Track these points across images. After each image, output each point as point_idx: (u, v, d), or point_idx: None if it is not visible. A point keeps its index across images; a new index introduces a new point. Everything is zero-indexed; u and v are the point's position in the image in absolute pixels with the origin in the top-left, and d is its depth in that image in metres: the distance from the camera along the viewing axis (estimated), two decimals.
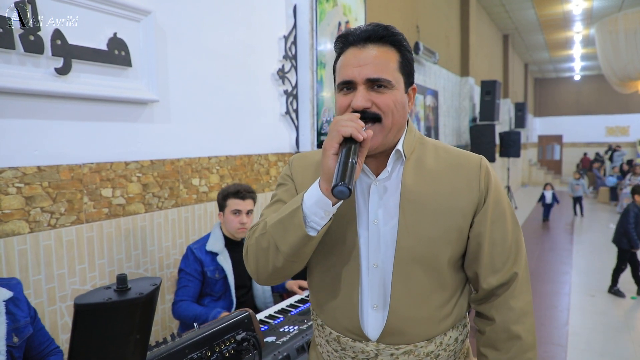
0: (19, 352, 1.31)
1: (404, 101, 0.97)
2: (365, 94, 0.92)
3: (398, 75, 0.94)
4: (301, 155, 1.13)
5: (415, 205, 0.95)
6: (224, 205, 2.10)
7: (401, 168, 0.99)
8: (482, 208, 0.97)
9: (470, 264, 1.01)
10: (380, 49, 0.93)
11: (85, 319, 0.56)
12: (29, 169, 1.78)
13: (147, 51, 2.16)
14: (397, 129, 0.97)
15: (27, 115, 1.77)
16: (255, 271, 0.98)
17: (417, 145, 1.01)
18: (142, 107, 2.21)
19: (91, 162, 2.00)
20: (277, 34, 3.17)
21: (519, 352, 0.97)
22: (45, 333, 1.43)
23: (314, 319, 1.11)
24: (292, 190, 1.06)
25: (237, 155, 2.83)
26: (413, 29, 5.77)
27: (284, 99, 3.22)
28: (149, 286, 0.58)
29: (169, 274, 2.42)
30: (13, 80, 1.67)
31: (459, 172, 0.98)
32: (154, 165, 2.29)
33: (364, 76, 0.91)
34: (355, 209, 0.99)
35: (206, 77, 2.58)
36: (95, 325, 0.56)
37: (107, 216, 2.08)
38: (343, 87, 0.95)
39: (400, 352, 0.96)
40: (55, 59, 1.81)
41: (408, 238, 0.94)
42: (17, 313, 1.32)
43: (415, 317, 0.96)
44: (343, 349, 1.01)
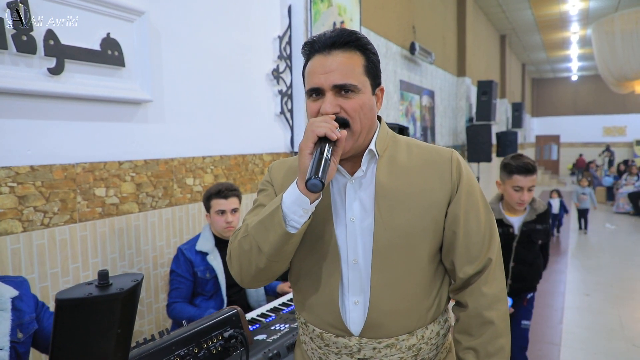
0: (24, 348, 1.32)
1: (372, 103, 0.99)
2: (333, 99, 0.94)
3: (364, 79, 0.97)
4: (280, 161, 1.16)
5: (390, 200, 0.98)
6: (208, 206, 2.11)
7: (375, 166, 1.01)
8: (455, 198, 1.00)
9: (446, 254, 1.03)
10: (345, 55, 0.96)
11: (66, 314, 0.57)
12: (22, 168, 1.79)
13: (141, 51, 2.17)
14: (367, 131, 0.99)
15: (20, 115, 1.78)
16: (239, 274, 1.01)
17: (390, 143, 1.04)
18: (136, 107, 2.22)
19: (84, 162, 2.01)
20: (271, 34, 3.18)
21: (492, 337, 0.99)
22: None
23: (298, 317, 1.13)
24: (272, 195, 1.09)
25: (231, 155, 2.84)
26: (409, 29, 5.78)
27: (278, 99, 3.23)
28: (130, 282, 0.60)
29: (163, 272, 2.43)
30: (5, 80, 1.68)
31: (431, 166, 1.01)
32: (147, 165, 2.30)
33: (331, 82, 0.94)
34: (332, 208, 1.02)
35: (200, 77, 2.59)
36: (76, 320, 0.58)
37: (101, 215, 2.09)
38: (312, 94, 0.98)
39: (382, 345, 0.98)
40: (48, 59, 1.81)
41: (385, 233, 0.96)
42: (23, 309, 1.33)
43: (396, 311, 0.98)
44: (327, 345, 1.03)
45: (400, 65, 5.49)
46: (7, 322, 1.29)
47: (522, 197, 2.15)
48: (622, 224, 8.78)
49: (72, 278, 1.99)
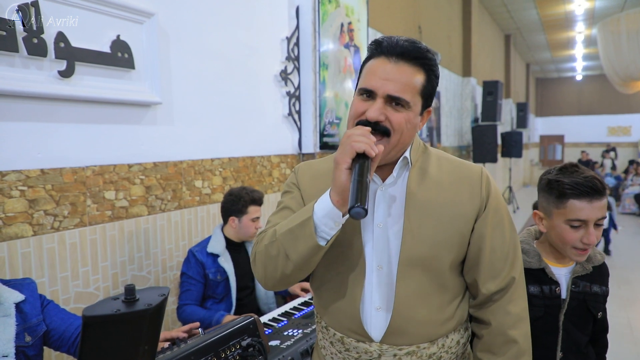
0: (33, 351, 1.31)
1: (416, 122, 0.99)
2: (381, 107, 0.94)
3: (417, 98, 0.96)
4: (306, 164, 1.16)
5: (419, 210, 0.98)
6: (243, 212, 2.08)
7: (406, 174, 1.02)
8: (482, 214, 1.01)
9: (469, 270, 1.03)
10: (409, 69, 0.94)
11: (93, 330, 0.56)
12: (32, 172, 1.78)
13: (150, 53, 2.15)
14: (401, 147, 0.99)
15: (30, 118, 1.77)
16: (263, 277, 1.01)
17: (421, 154, 1.05)
18: (145, 110, 2.21)
19: (94, 165, 2.00)
20: (279, 35, 3.17)
21: (515, 356, 0.99)
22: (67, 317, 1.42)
23: (318, 321, 1.12)
24: (297, 197, 1.09)
25: (240, 157, 2.83)
26: (415, 30, 5.76)
27: (286, 100, 3.21)
28: (157, 297, 0.58)
29: (172, 275, 2.41)
30: (16, 84, 1.67)
31: (461, 181, 1.02)
32: (157, 168, 2.28)
33: (385, 91, 0.93)
34: None
35: (209, 79, 2.57)
36: (104, 337, 0.56)
37: (110, 219, 2.08)
38: (363, 93, 0.97)
39: (403, 352, 0.98)
40: (58, 62, 1.80)
41: (412, 241, 0.96)
42: (29, 312, 1.32)
43: (418, 319, 0.97)
44: (347, 350, 1.02)
45: None
46: (12, 328, 1.28)
47: (587, 237, 1.22)
48: (628, 225, 8.73)
49: (82, 282, 1.98)
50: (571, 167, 1.29)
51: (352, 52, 3.82)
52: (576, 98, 19.41)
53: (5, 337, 1.25)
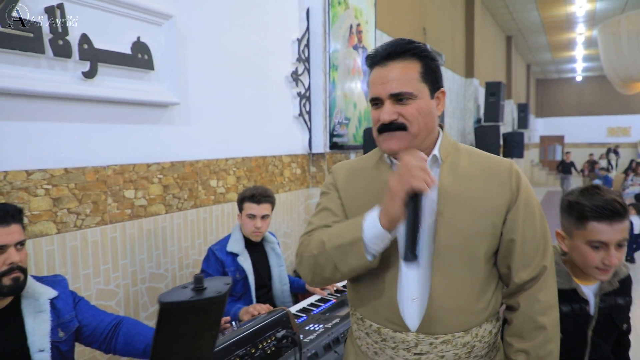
0: (66, 346, 1.34)
1: (430, 107, 1.04)
2: (390, 108, 1.01)
3: (420, 85, 1.02)
4: (342, 164, 1.22)
5: (452, 203, 1.03)
6: (241, 207, 2.12)
7: (437, 170, 1.07)
8: (514, 207, 1.04)
9: (502, 260, 1.07)
10: (401, 64, 1.02)
11: (170, 317, 0.59)
12: (56, 170, 1.81)
13: (169, 54, 2.19)
14: (427, 134, 1.05)
15: (54, 118, 1.80)
16: (310, 278, 1.09)
17: (451, 150, 1.10)
18: (163, 110, 2.24)
19: (115, 164, 2.03)
20: (290, 37, 3.20)
21: (543, 342, 1.03)
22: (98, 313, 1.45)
23: (353, 313, 1.16)
24: (335, 199, 1.15)
25: (252, 156, 2.86)
26: (420, 31, 5.80)
27: (297, 101, 3.25)
28: (223, 285, 0.62)
29: (188, 274, 2.45)
30: (42, 84, 1.70)
31: (491, 174, 1.06)
32: (174, 167, 2.32)
33: (387, 92, 1.01)
34: None
35: (223, 80, 2.61)
36: (178, 323, 0.59)
37: (130, 217, 2.11)
38: (373, 103, 1.06)
39: (439, 341, 1.02)
40: (82, 63, 1.84)
41: (447, 234, 1.00)
42: (62, 308, 1.35)
43: (453, 308, 1.01)
44: (384, 340, 1.06)
45: None
46: (47, 324, 1.31)
47: (609, 259, 1.22)
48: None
49: (103, 279, 2.01)
50: (592, 189, 1.29)
51: (361, 54, 3.86)
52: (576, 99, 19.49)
53: (41, 333, 1.28)
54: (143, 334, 1.40)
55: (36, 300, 1.31)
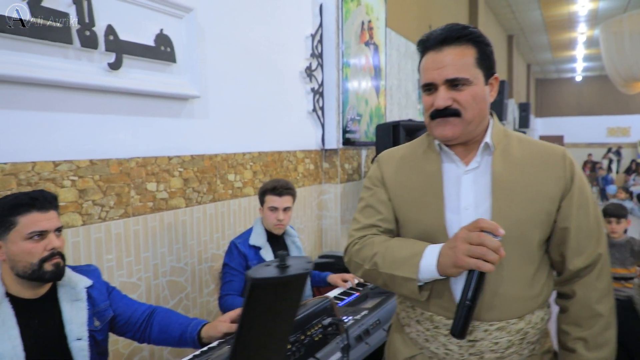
0: (101, 335, 1.34)
1: (484, 93, 1.04)
2: (445, 94, 1.01)
3: (476, 71, 1.02)
4: (388, 152, 1.21)
5: (506, 190, 1.02)
6: (262, 200, 2.12)
7: (489, 158, 1.06)
8: (568, 194, 1.04)
9: (556, 247, 1.07)
10: (456, 50, 1.01)
11: (260, 293, 0.59)
12: (82, 162, 1.81)
13: (189, 47, 2.18)
14: (480, 120, 1.05)
15: (80, 109, 1.80)
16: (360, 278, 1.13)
17: (502, 137, 1.09)
18: (184, 103, 2.24)
19: (138, 157, 2.03)
20: (304, 32, 3.20)
21: (602, 329, 1.03)
22: (130, 302, 1.45)
23: (402, 301, 1.17)
24: (379, 194, 1.15)
25: (268, 151, 2.86)
26: (426, 29, 5.80)
27: (310, 96, 3.25)
28: (305, 264, 0.62)
29: (207, 268, 2.44)
30: (70, 75, 1.70)
31: (544, 161, 1.05)
32: (194, 160, 2.32)
33: (443, 77, 1.00)
34: (444, 196, 1.06)
35: (240, 74, 2.61)
36: (266, 299, 0.59)
37: (152, 210, 2.11)
38: (426, 89, 1.05)
39: (494, 328, 1.02)
40: (107, 54, 1.83)
41: (501, 221, 0.99)
42: (97, 297, 1.35)
43: (507, 295, 1.01)
44: (436, 327, 1.06)
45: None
46: (84, 312, 1.31)
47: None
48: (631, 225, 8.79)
49: (126, 271, 2.00)
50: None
51: (372, 50, 3.86)
52: (576, 99, 19.55)
53: (78, 321, 1.28)
54: (178, 322, 1.40)
55: (73, 288, 1.30)
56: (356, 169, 3.74)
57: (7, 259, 1.20)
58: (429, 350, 1.09)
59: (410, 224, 1.10)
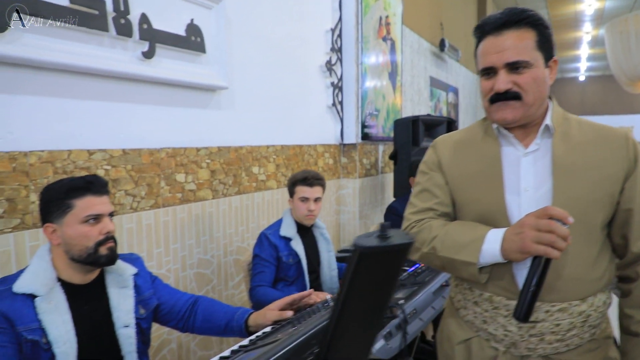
0: (146, 324, 1.32)
1: (544, 76, 1.04)
2: (505, 77, 1.01)
3: (536, 54, 1.01)
4: (444, 137, 1.21)
5: (567, 172, 1.01)
6: (292, 191, 2.11)
7: (549, 141, 1.06)
8: (632, 175, 1.03)
9: (619, 229, 1.05)
10: (516, 33, 1.01)
11: (366, 262, 0.58)
12: (115, 151, 1.79)
13: (218, 38, 2.17)
14: (540, 103, 1.04)
15: (114, 98, 1.78)
16: (418, 261, 1.15)
17: (562, 120, 1.08)
18: (211, 94, 2.23)
19: (168, 147, 2.02)
20: (324, 26, 3.19)
21: None
22: (173, 291, 1.44)
23: (457, 284, 1.16)
24: (435, 178, 1.15)
25: (290, 145, 2.85)
26: (437, 26, 5.79)
27: (330, 90, 3.24)
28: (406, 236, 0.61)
29: (232, 260, 2.43)
30: (105, 62, 1.68)
31: (606, 142, 1.04)
32: (220, 152, 2.30)
33: (504, 61, 1.00)
34: (504, 178, 1.06)
35: (264, 66, 2.60)
36: (372, 269, 0.58)
37: (180, 201, 2.10)
38: (485, 73, 1.05)
39: (556, 309, 1.01)
40: (141, 43, 1.82)
41: (563, 202, 0.99)
42: (142, 285, 1.33)
43: (570, 276, 1.00)
44: (495, 308, 1.05)
45: (430, 62, 5.51)
46: (131, 300, 1.30)
47: None
48: None
49: (156, 263, 1.99)
50: None
51: (389, 46, 3.85)
52: (579, 98, 19.55)
53: (126, 308, 1.26)
54: (223, 311, 1.39)
55: (120, 275, 1.29)
56: (374, 164, 3.73)
57: (62, 242, 1.19)
58: (486, 332, 1.08)
59: (469, 206, 1.10)
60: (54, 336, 1.12)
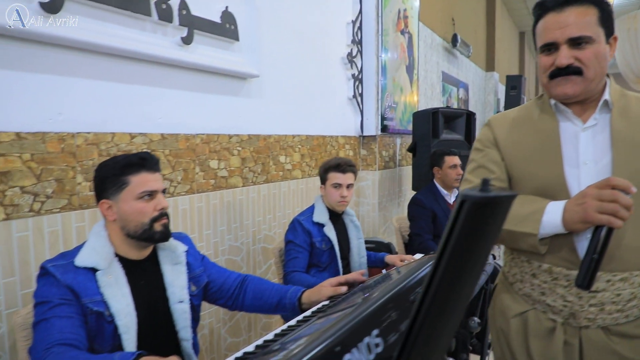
0: (197, 300, 1.34)
1: (605, 52, 1.06)
2: (567, 52, 1.04)
3: (598, 30, 1.04)
4: (500, 115, 1.23)
5: (626, 146, 1.03)
6: (325, 178, 2.12)
7: (607, 116, 1.08)
8: None
9: None
10: (579, 9, 1.03)
11: (470, 212, 0.58)
12: (154, 135, 1.81)
13: (250, 26, 2.19)
14: (600, 79, 1.07)
15: (154, 82, 1.80)
16: None
17: (620, 96, 1.10)
18: (243, 82, 2.24)
19: (202, 133, 2.03)
20: (345, 18, 3.21)
21: None
22: (222, 270, 1.45)
23: (513, 258, 1.17)
24: (492, 155, 1.17)
25: (314, 135, 2.87)
26: (449, 22, 5.81)
27: (351, 82, 3.25)
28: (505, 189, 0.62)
29: (260, 249, 2.45)
30: (146, 47, 1.70)
31: None
32: (250, 140, 2.32)
33: (566, 36, 1.03)
34: (562, 153, 1.08)
35: (290, 57, 2.61)
36: (476, 220, 0.59)
37: (213, 187, 2.11)
38: (546, 49, 1.07)
39: (617, 278, 1.02)
40: (180, 29, 1.84)
41: (623, 174, 1.00)
42: (192, 262, 1.35)
43: (632, 246, 1.02)
44: (555, 279, 1.07)
45: (442, 57, 5.52)
46: (184, 276, 1.31)
47: None
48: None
49: None
50: None
51: (407, 39, 3.87)
52: None
53: (179, 284, 1.28)
54: (274, 289, 1.41)
55: (173, 252, 1.31)
56: (392, 156, 3.75)
57: (117, 218, 1.20)
58: (544, 304, 1.10)
59: (526, 181, 1.11)
60: (115, 309, 1.13)
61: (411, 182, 3.59)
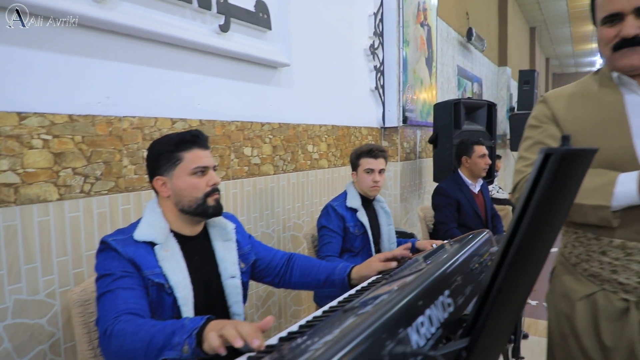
0: (246, 277, 1.37)
1: None
2: (634, 22, 1.01)
3: None
4: (556, 92, 1.21)
5: None
6: (357, 164, 2.14)
7: None
8: None
9: None
10: None
11: (554, 164, 0.59)
12: (193, 121, 1.84)
13: (281, 15, 2.22)
14: None
15: (192, 69, 1.84)
16: None
17: None
18: (274, 71, 2.27)
19: (237, 120, 2.06)
20: (367, 10, 3.23)
21: None
22: (268, 248, 1.48)
23: (577, 238, 1.14)
24: (551, 130, 1.15)
25: (339, 125, 2.89)
26: (464, 16, 5.80)
27: (373, 74, 3.27)
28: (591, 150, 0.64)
29: (290, 236, 2.48)
30: (187, 34, 1.73)
31: None
32: (281, 129, 2.35)
33: (633, 5, 1.00)
34: (630, 124, 1.05)
35: (317, 47, 2.64)
36: (563, 176, 0.60)
37: (247, 174, 2.15)
38: (608, 20, 1.04)
39: None
40: (218, 17, 1.87)
41: None
42: (241, 240, 1.38)
43: None
44: (628, 255, 1.03)
45: (457, 51, 5.52)
46: (234, 252, 1.34)
47: None
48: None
49: None
50: None
51: (426, 32, 3.88)
52: None
53: (231, 260, 1.31)
54: (322, 266, 1.43)
55: (223, 229, 1.34)
56: (412, 148, 3.76)
57: (172, 194, 1.23)
58: (615, 282, 1.05)
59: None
60: (174, 282, 1.16)
61: (432, 173, 3.60)
